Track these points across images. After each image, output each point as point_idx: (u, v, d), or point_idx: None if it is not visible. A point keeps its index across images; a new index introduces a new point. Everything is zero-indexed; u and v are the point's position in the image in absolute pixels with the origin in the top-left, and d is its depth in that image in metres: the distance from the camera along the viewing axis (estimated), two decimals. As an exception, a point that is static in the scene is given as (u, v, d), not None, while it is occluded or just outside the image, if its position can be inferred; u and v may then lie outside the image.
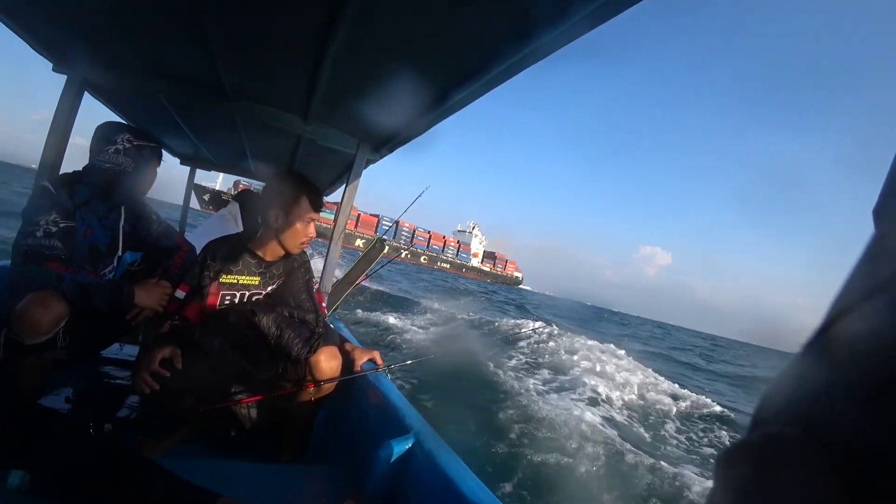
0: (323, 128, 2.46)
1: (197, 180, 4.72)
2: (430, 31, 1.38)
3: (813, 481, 0.16)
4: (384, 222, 58.37)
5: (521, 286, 77.28)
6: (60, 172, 1.93)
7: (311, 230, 1.67)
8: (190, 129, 3.15)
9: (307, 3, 1.38)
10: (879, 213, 0.22)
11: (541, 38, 1.25)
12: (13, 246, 1.53)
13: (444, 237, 69.52)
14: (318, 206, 1.67)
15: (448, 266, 66.53)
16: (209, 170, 4.49)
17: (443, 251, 68.17)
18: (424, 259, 62.02)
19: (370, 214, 58.65)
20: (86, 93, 2.22)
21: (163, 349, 1.43)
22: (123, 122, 1.78)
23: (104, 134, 1.68)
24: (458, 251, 71.08)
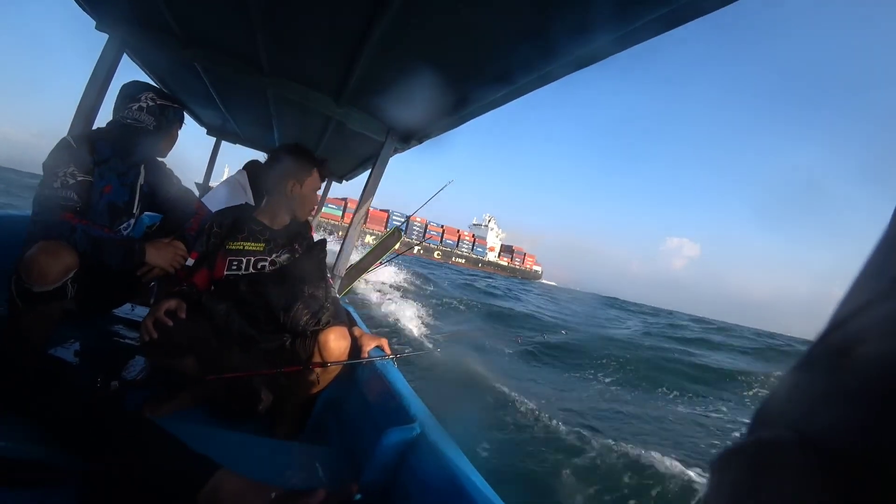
0: (354, 112, 2.46)
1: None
2: (465, 34, 1.46)
3: (806, 486, 0.16)
4: (394, 217, 57.22)
5: (541, 280, 75.62)
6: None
7: (317, 198, 1.82)
8: (221, 101, 3.17)
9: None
10: None
11: (560, 58, 1.36)
12: (34, 198, 1.55)
13: (458, 231, 67.87)
14: (325, 177, 1.82)
15: (463, 261, 64.89)
16: (234, 143, 4.54)
17: (457, 246, 66.61)
18: (438, 255, 60.63)
19: (380, 210, 57.95)
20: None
21: (169, 301, 1.45)
22: (150, 84, 1.80)
23: (129, 92, 1.71)
24: (473, 245, 69.28)
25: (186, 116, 1.93)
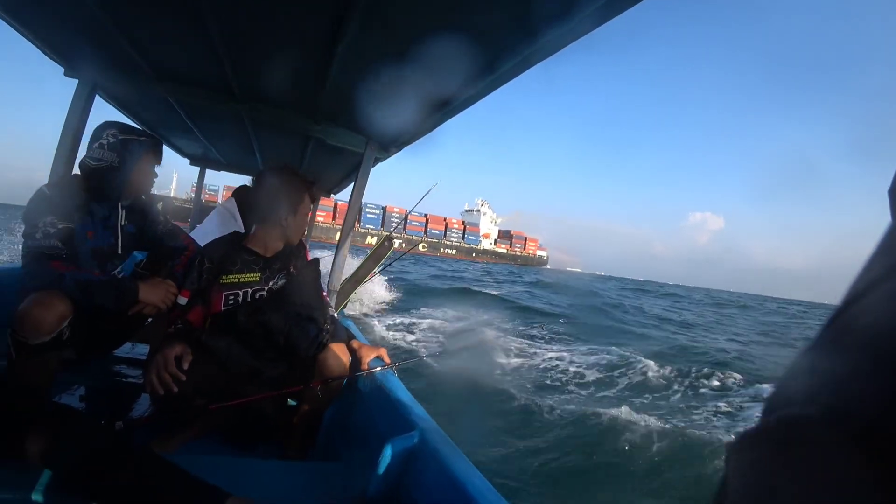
0: (332, 127, 2.47)
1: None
2: (437, 30, 1.40)
3: (836, 460, 0.16)
4: (368, 210, 52.89)
5: (547, 266, 69.27)
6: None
7: (307, 220, 1.80)
8: (199, 131, 3.18)
9: (314, 4, 1.39)
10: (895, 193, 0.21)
11: (546, 35, 1.26)
12: (21, 250, 1.55)
13: (444, 219, 61.10)
14: (316, 199, 1.80)
15: (454, 252, 59.14)
16: (218, 170, 4.55)
17: (445, 235, 60.28)
18: (423, 247, 55.12)
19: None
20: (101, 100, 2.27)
21: (174, 348, 1.42)
22: (121, 121, 1.75)
23: (94, 132, 1.68)
24: (463, 234, 62.62)
25: (167, 149, 1.90)
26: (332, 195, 4.83)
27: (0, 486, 0.99)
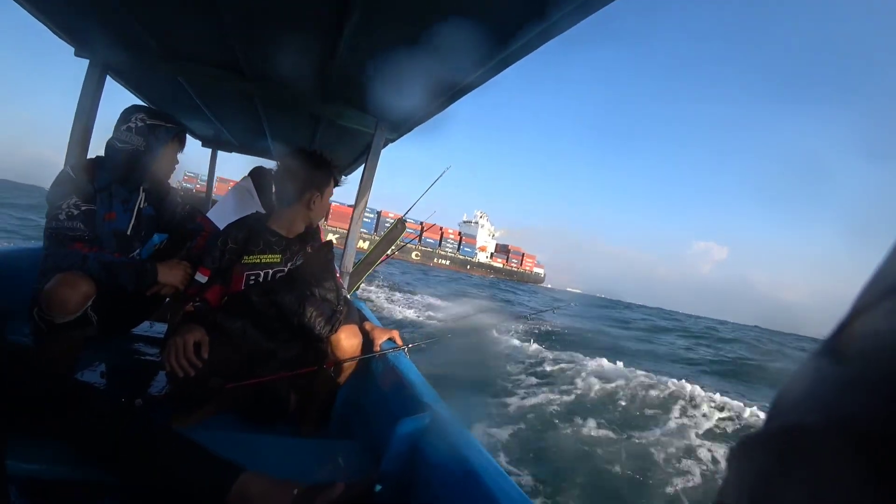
0: (341, 107, 2.44)
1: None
2: (446, 9, 1.38)
3: (837, 468, 0.16)
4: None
5: (543, 284, 65.54)
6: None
7: (330, 204, 1.82)
8: (210, 111, 3.18)
9: None
10: None
11: (556, 13, 1.23)
12: (44, 231, 1.59)
13: (440, 228, 57.97)
14: (339, 183, 1.79)
15: (447, 262, 56.51)
16: (230, 151, 4.55)
17: (440, 245, 57.41)
18: (416, 255, 51.85)
19: (346, 206, 51.42)
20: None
21: (194, 333, 1.44)
22: (149, 106, 1.78)
23: (122, 115, 1.70)
24: (459, 245, 59.49)
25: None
26: (342, 176, 4.82)
27: (24, 460, 1.03)
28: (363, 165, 2.68)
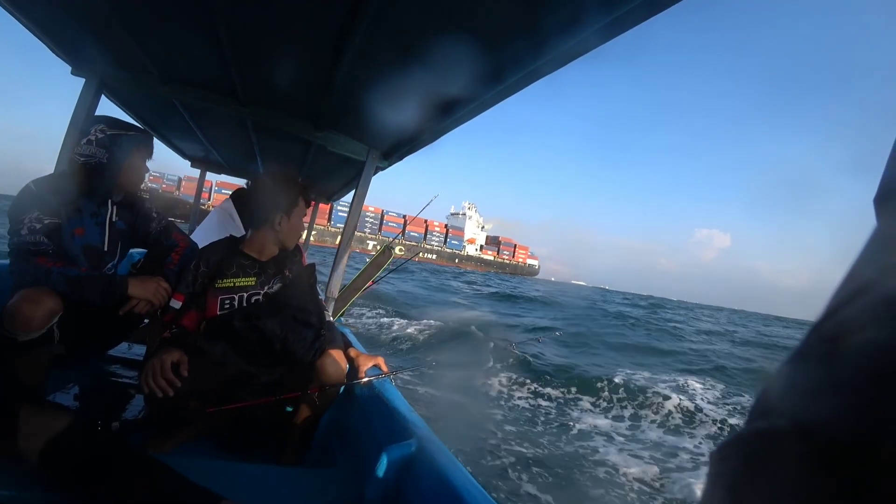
0: (333, 134, 2.49)
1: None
2: (443, 41, 1.39)
3: (799, 474, 0.16)
4: (339, 209, 48.66)
5: (538, 276, 63.67)
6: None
7: (303, 225, 1.79)
8: (202, 133, 3.20)
9: (323, 11, 1.40)
10: (881, 202, 0.22)
11: (553, 49, 1.26)
12: (8, 247, 1.53)
13: (425, 221, 56.62)
14: (309, 203, 1.78)
15: (434, 257, 55.60)
16: (219, 173, 4.56)
17: (424, 238, 56.22)
18: (400, 250, 52.15)
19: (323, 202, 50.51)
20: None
21: (172, 354, 1.42)
22: (111, 116, 1.73)
23: (83, 128, 1.66)
24: (446, 238, 58.23)
25: (168, 149, 1.90)
26: (331, 201, 4.84)
27: None
28: (353, 192, 2.71)
